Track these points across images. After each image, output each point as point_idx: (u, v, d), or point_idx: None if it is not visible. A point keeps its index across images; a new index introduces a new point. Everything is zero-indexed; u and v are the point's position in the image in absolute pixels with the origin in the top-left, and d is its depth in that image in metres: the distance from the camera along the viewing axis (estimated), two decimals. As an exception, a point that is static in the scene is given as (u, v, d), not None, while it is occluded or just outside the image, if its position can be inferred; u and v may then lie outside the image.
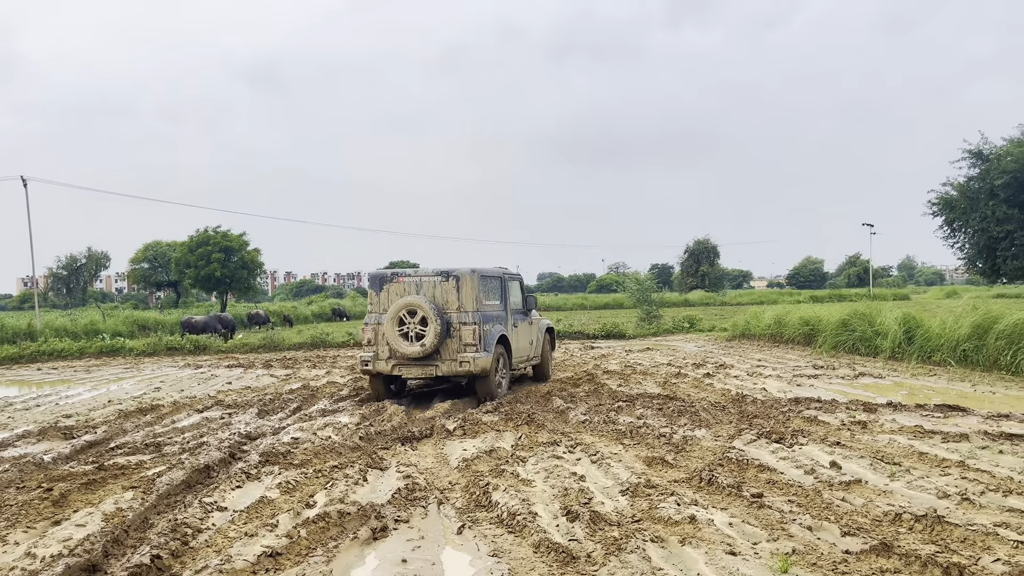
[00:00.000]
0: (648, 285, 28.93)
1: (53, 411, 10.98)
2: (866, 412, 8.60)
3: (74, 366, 19.36)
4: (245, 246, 48.61)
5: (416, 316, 10.28)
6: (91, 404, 11.62)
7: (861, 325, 15.80)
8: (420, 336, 10.25)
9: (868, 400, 9.59)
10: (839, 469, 6.07)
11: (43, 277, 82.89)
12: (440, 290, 10.58)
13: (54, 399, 12.38)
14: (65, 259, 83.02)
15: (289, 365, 17.34)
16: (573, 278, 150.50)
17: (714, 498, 5.36)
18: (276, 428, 8.59)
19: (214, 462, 6.66)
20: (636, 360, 15.85)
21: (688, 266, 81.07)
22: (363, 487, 5.95)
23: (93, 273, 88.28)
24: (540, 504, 5.30)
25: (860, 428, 7.76)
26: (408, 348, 10.25)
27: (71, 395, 12.93)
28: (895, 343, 14.37)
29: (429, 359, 10.37)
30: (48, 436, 8.55)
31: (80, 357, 21.67)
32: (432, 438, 7.94)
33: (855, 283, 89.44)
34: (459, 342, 10.32)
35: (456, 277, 10.55)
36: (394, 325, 10.32)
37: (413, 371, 10.51)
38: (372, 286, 10.97)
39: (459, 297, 10.48)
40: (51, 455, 7.29)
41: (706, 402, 9.69)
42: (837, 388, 11.07)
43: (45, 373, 17.73)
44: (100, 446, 7.91)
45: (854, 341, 15.73)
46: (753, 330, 20.74)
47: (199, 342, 22.70)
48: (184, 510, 5.31)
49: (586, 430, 8.03)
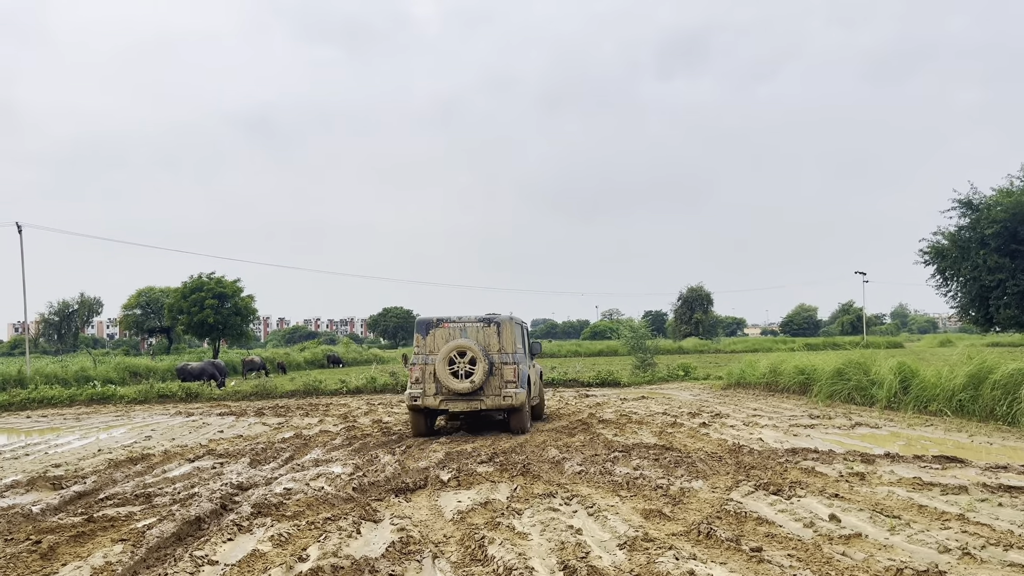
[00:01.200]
0: (642, 332, 28.93)
1: (42, 460, 10.83)
2: (864, 463, 8.54)
3: (64, 414, 19.16)
4: (239, 292, 48.58)
5: (466, 356, 11.76)
6: (81, 453, 11.47)
7: (856, 374, 15.79)
8: (469, 374, 11.71)
9: (865, 451, 9.54)
10: (838, 522, 6.00)
11: (34, 323, 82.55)
12: (483, 334, 12.09)
13: (43, 448, 12.23)
14: (57, 305, 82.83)
15: (281, 413, 17.20)
16: (567, 324, 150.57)
17: (713, 552, 5.29)
18: (268, 478, 8.48)
19: (205, 514, 6.55)
20: (631, 409, 15.78)
21: (682, 313, 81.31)
22: (357, 540, 5.86)
23: (85, 319, 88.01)
24: (536, 558, 5.22)
25: (858, 480, 7.70)
26: (458, 384, 11.70)
27: (61, 444, 12.78)
28: (891, 393, 14.34)
29: (474, 395, 11.81)
30: (37, 486, 8.43)
31: (70, 404, 21.47)
32: (426, 489, 7.84)
33: (848, 331, 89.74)
34: (501, 379, 11.86)
35: (497, 323, 12.15)
36: (445, 364, 11.74)
37: (459, 405, 11.93)
38: (419, 330, 12.33)
39: (500, 340, 12.04)
40: (40, 506, 7.17)
41: (703, 452, 9.62)
42: (834, 438, 11.01)
43: (35, 421, 17.53)
44: (89, 497, 7.79)
45: (850, 390, 15.71)
46: (748, 379, 20.70)
47: (191, 389, 22.53)
48: (174, 564, 5.21)
49: (582, 481, 7.95)
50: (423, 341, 12.22)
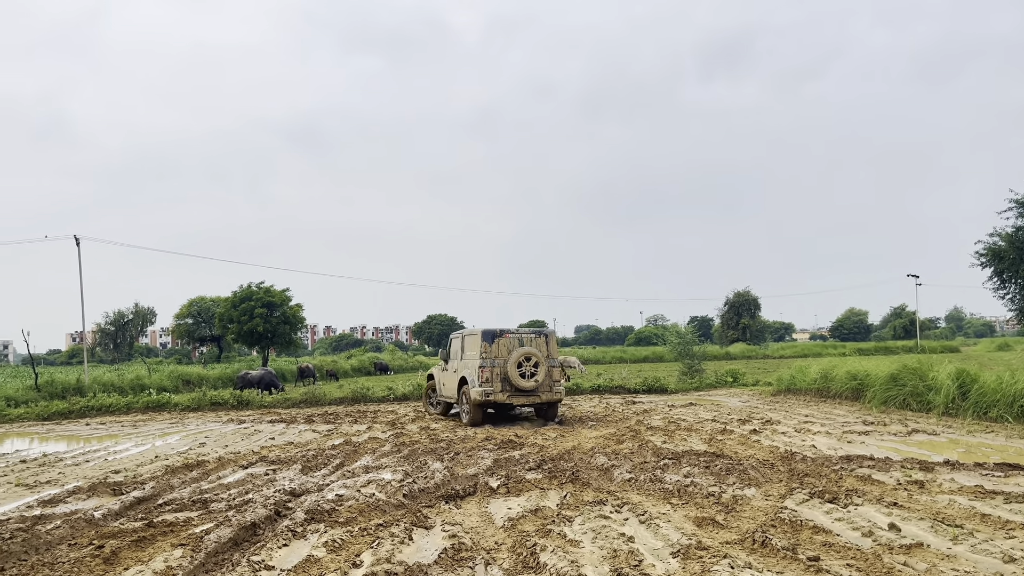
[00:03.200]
0: (689, 338, 28.59)
1: (102, 466, 11.13)
2: (923, 471, 8.34)
3: (121, 421, 19.66)
4: (287, 301, 49.29)
5: (531, 361, 14.75)
6: (139, 459, 11.76)
7: (912, 380, 15.41)
8: (533, 375, 14.73)
9: (924, 458, 9.31)
10: (898, 531, 5.87)
11: (91, 333, 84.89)
12: (535, 343, 15.13)
13: (103, 454, 12.56)
14: (113, 315, 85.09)
15: (331, 420, 17.40)
16: (611, 330, 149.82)
17: (768, 561, 5.21)
18: (320, 485, 8.59)
19: (260, 519, 6.67)
20: (680, 415, 15.62)
21: (728, 319, 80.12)
22: (409, 546, 5.90)
23: (140, 329, 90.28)
24: (589, 566, 5.20)
25: (917, 488, 7.51)
26: (525, 383, 14.63)
27: (119, 450, 13.11)
28: (948, 399, 13.97)
29: (533, 391, 14.77)
30: (98, 492, 8.66)
31: (127, 412, 22.01)
32: (476, 496, 7.86)
33: (901, 335, 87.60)
34: (550, 379, 14.97)
35: (545, 334, 15.46)
36: (515, 367, 14.61)
37: (521, 400, 14.81)
38: (485, 339, 14.82)
39: (547, 347, 15.18)
40: (101, 511, 7.37)
41: (754, 460, 9.48)
42: (890, 445, 10.76)
43: (93, 428, 18.01)
44: (148, 502, 7.98)
45: (905, 396, 15.34)
46: (798, 384, 20.35)
47: (242, 397, 22.94)
48: (232, 569, 5.31)
49: (632, 488, 7.90)
50: (489, 348, 14.72)
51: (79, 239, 29.71)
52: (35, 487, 9.50)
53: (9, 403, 22.70)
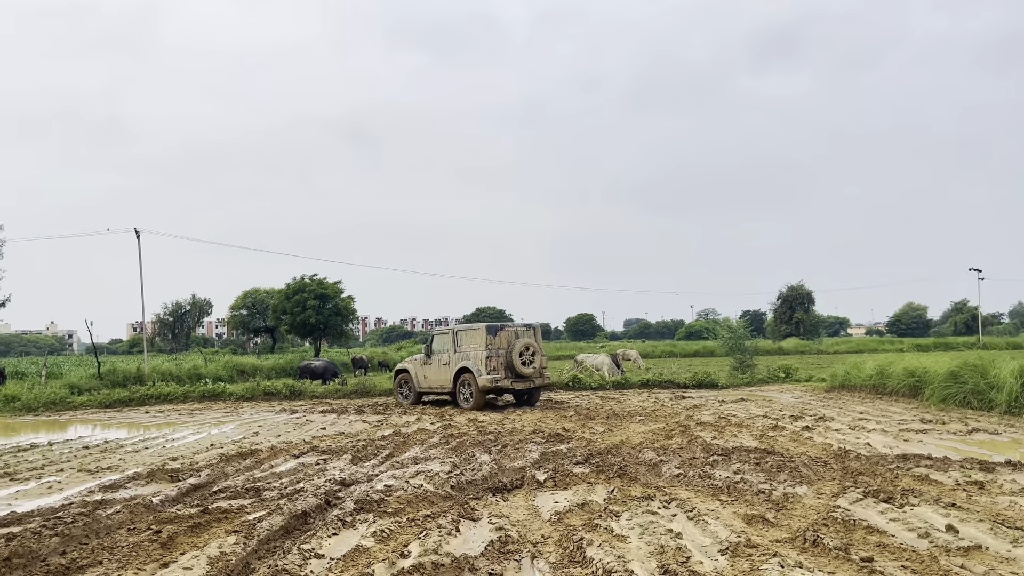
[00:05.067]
0: (741, 333, 28.14)
1: (160, 454, 11.45)
2: (983, 471, 8.09)
3: (179, 409, 20.21)
4: (339, 293, 49.95)
5: (529, 350, 17.19)
6: (195, 447, 12.07)
7: (973, 377, 14.95)
8: (531, 362, 17.21)
9: (984, 458, 9.03)
10: (956, 533, 5.70)
11: (150, 323, 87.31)
12: (528, 334, 17.57)
13: (161, 442, 12.93)
14: (171, 306, 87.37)
15: (380, 411, 17.63)
16: (661, 324, 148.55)
17: (820, 561, 5.11)
18: (369, 475, 8.70)
19: (311, 508, 6.79)
20: (730, 411, 15.43)
21: (781, 313, 78.70)
22: (456, 538, 5.94)
23: (196, 319, 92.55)
24: (636, 562, 5.17)
25: (977, 489, 7.29)
26: (526, 370, 17.10)
27: (176, 438, 13.48)
28: (1011, 397, 13.52)
29: (530, 377, 17.22)
30: (156, 478, 8.91)
31: (184, 401, 22.62)
32: (523, 489, 7.88)
33: (962, 331, 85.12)
34: (539, 367, 17.45)
35: (533, 327, 17.93)
36: (517, 356, 16.93)
37: (520, 384, 17.17)
38: (490, 332, 17.02)
39: (536, 339, 17.62)
40: (159, 497, 7.58)
41: (806, 457, 9.30)
42: (949, 444, 10.47)
43: (152, 416, 18.55)
44: (204, 489, 8.19)
45: (965, 394, 14.89)
46: (853, 381, 19.92)
47: (295, 387, 23.38)
48: (284, 556, 5.41)
49: (681, 484, 7.83)
50: (493, 340, 16.96)
51: (139, 232, 30.49)
52: (96, 472, 9.83)
53: (73, 391, 23.53)
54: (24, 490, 8.80)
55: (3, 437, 15.32)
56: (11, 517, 6.96)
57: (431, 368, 18.54)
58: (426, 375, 18.72)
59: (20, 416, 19.98)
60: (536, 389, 17.83)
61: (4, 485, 9.15)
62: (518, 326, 17.58)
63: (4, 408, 20.91)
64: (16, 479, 9.52)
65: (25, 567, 5.31)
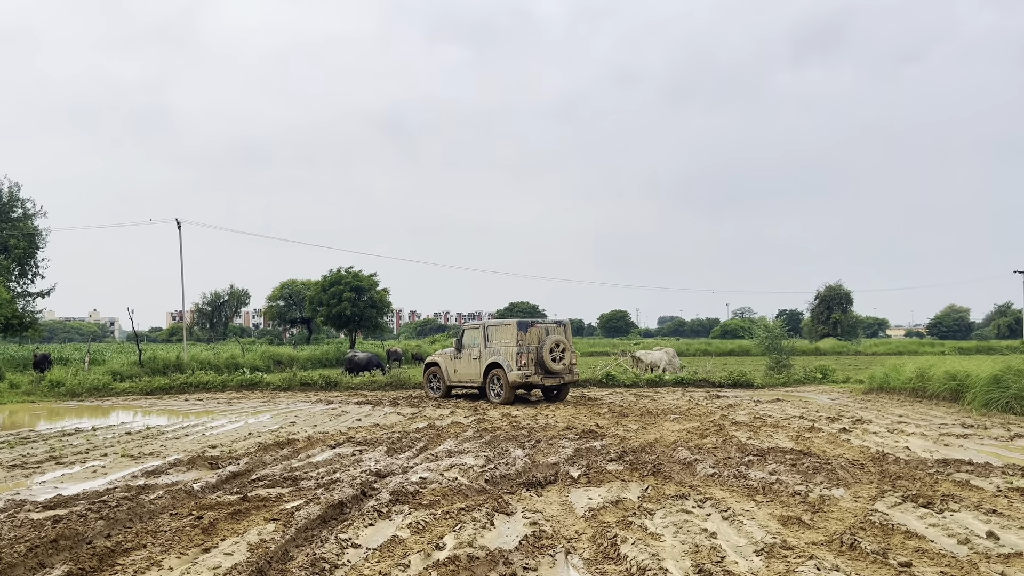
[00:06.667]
0: (778, 332, 27.83)
1: (200, 441, 11.68)
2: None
3: (217, 398, 20.57)
4: (375, 286, 50.41)
5: (559, 347, 17.20)
6: (233, 436, 12.29)
7: (1017, 381, 14.62)
8: (561, 359, 17.23)
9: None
10: (997, 540, 5.61)
11: (190, 312, 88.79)
12: (558, 331, 17.68)
13: (200, 430, 13.18)
14: (210, 295, 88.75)
15: (414, 404, 17.77)
16: (695, 322, 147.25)
17: (857, 564, 5.07)
18: (404, 467, 8.79)
19: (347, 499, 6.89)
20: (766, 411, 15.29)
21: (819, 313, 77.55)
22: (490, 531, 5.99)
23: (234, 309, 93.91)
24: (670, 560, 5.17)
25: (1019, 495, 7.16)
26: (556, 366, 17.10)
27: (215, 426, 13.73)
28: (1056, 403, 13.20)
29: (560, 374, 17.24)
30: (196, 465, 9.11)
31: (222, 389, 23.01)
32: (556, 484, 7.91)
33: (1005, 334, 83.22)
34: (569, 363, 17.48)
35: (563, 324, 18.07)
36: (548, 352, 16.98)
37: (550, 380, 17.23)
38: (520, 329, 17.19)
39: (565, 335, 17.74)
40: (200, 484, 7.75)
41: (843, 459, 9.20)
42: (990, 450, 10.28)
43: (192, 404, 18.91)
44: (243, 477, 8.34)
45: (1008, 399, 14.57)
46: (892, 383, 19.59)
47: (330, 378, 23.65)
48: (321, 545, 5.51)
49: (715, 484, 7.79)
50: (524, 336, 17.11)
51: (180, 223, 31.07)
52: (139, 458, 10.07)
53: (115, 377, 24.08)
54: (69, 473, 9.05)
55: (49, 422, 15.75)
56: (57, 500, 7.17)
57: (461, 362, 18.65)
58: (456, 369, 18.81)
59: (64, 401, 20.51)
60: (565, 385, 17.95)
61: (50, 468, 9.41)
62: (548, 322, 17.76)
63: (49, 393, 21.48)
64: (62, 463, 9.79)
65: (71, 549, 5.47)
